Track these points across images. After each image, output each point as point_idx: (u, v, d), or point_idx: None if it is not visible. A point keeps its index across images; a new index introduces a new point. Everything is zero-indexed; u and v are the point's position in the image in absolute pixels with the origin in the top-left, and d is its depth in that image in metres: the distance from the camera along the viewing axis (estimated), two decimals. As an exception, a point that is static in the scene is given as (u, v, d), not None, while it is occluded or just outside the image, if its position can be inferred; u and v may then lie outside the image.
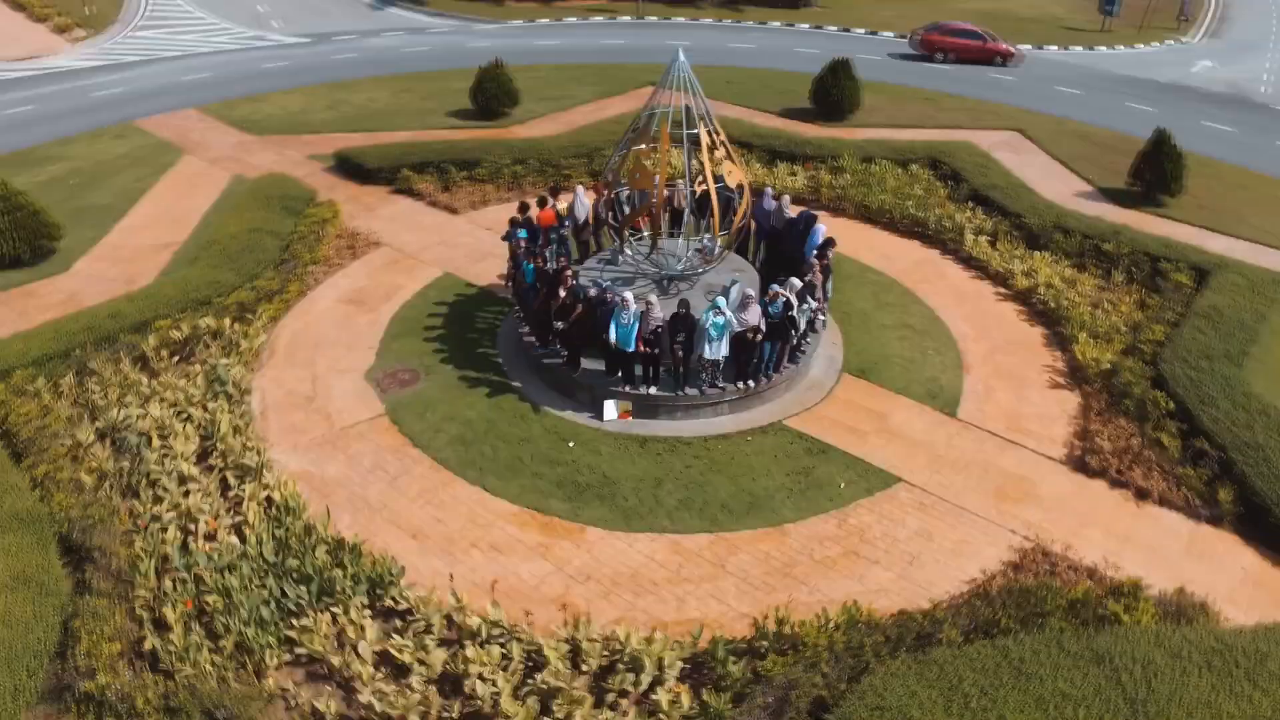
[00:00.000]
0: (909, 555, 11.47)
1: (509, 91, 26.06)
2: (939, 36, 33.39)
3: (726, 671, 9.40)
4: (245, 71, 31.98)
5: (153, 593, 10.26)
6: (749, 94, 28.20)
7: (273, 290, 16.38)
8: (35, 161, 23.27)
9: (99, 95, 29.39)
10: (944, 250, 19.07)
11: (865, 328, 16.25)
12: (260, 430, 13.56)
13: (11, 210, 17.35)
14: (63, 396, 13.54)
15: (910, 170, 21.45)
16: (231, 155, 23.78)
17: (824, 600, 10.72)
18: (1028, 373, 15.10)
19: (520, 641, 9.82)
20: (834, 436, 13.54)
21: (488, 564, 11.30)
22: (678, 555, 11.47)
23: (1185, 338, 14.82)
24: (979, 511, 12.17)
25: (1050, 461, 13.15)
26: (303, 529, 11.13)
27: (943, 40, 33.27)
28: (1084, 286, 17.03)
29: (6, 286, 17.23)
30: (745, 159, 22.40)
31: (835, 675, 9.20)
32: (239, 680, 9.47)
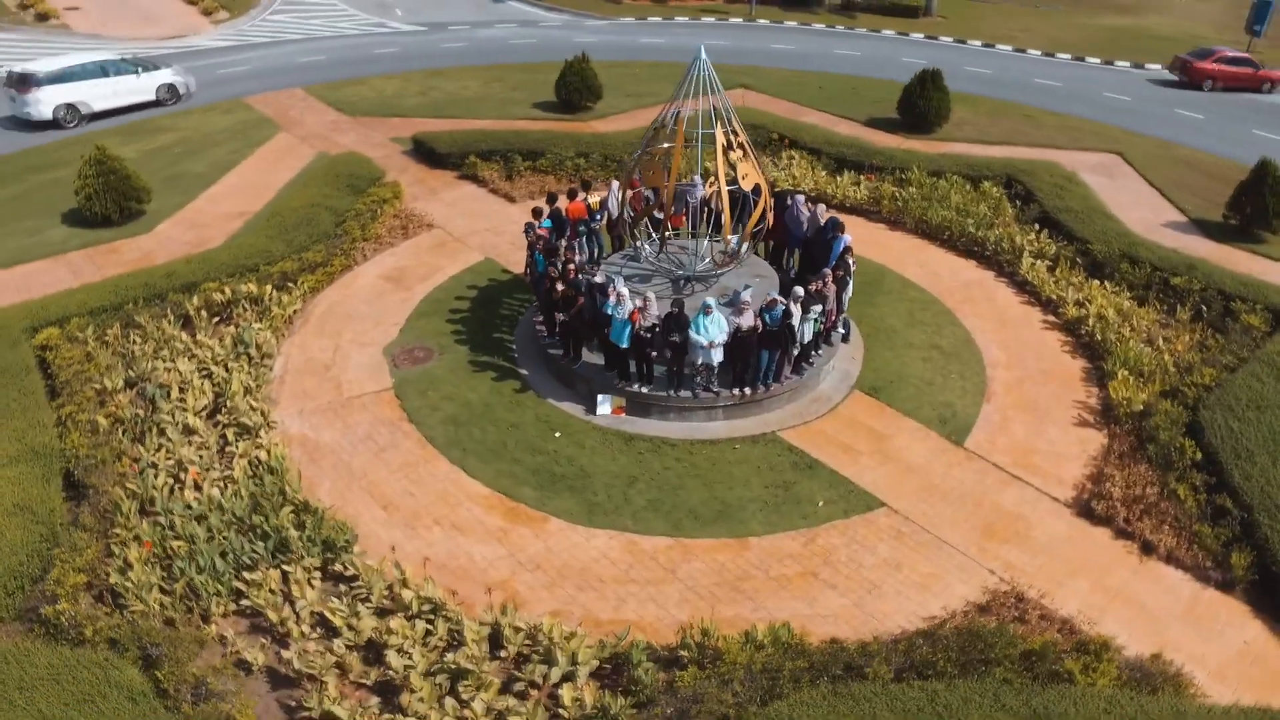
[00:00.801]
0: (870, 584, 10.98)
1: (591, 86, 26.35)
2: (1210, 65, 31.33)
3: (636, 677, 9.27)
4: (357, 56, 33.60)
5: (130, 532, 10.99)
6: (838, 101, 27.50)
7: (316, 263, 17.21)
8: (150, 131, 25.23)
9: (222, 73, 31.54)
10: (999, 272, 18.07)
11: (890, 345, 15.61)
12: (274, 393, 14.30)
13: (105, 174, 18.86)
14: (107, 346, 14.64)
15: (981, 188, 20.40)
16: (321, 134, 25.04)
17: (767, 618, 10.40)
18: (1054, 407, 14.14)
19: (447, 620, 10.00)
20: (826, 453, 13.09)
21: (444, 541, 11.55)
22: (631, 555, 11.39)
23: (1238, 384, 13.52)
24: (959, 546, 11.52)
25: (1053, 502, 12.28)
26: (278, 489, 11.65)
27: (1213, 68, 31.21)
28: (1141, 321, 15.79)
29: (95, 242, 18.76)
30: (811, 166, 21.92)
31: (746, 696, 8.92)
32: (186, 623, 10.06)
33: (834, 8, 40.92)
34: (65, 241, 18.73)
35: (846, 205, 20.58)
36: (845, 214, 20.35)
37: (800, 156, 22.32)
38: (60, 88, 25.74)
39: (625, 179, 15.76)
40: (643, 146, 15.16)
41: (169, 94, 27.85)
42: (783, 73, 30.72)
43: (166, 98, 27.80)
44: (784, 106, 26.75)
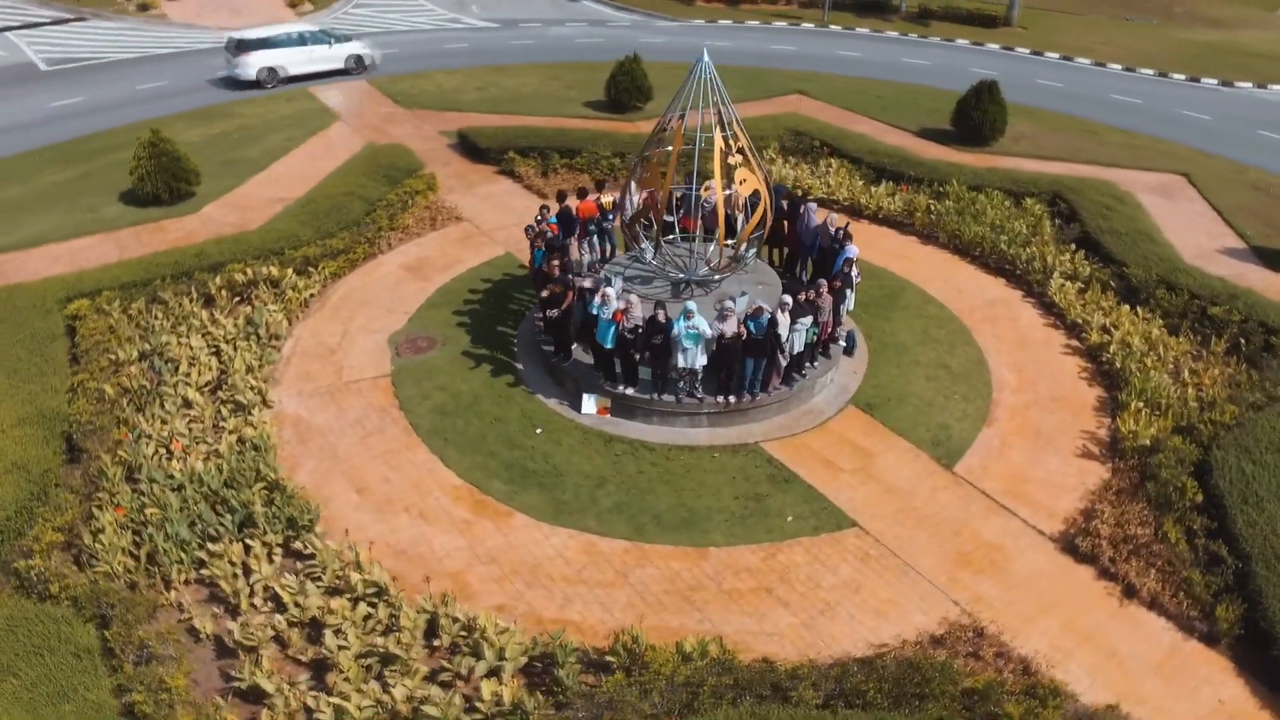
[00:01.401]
0: (825, 604, 10.67)
1: (641, 87, 26.36)
2: None
3: (558, 678, 9.24)
4: (427, 50, 34.40)
5: (113, 497, 11.52)
6: (894, 110, 26.78)
7: (339, 249, 17.71)
8: (215, 116, 26.39)
9: (296, 63, 32.71)
10: (1028, 293, 17.31)
11: (897, 362, 15.13)
12: (277, 373, 14.78)
13: (157, 156, 19.82)
14: (130, 319, 15.36)
15: (1023, 204, 19.57)
16: (376, 125, 25.75)
17: (712, 631, 10.22)
18: (1059, 436, 13.46)
19: (389, 605, 10.15)
20: (806, 468, 12.78)
21: (409, 529, 11.73)
22: (587, 556, 11.34)
23: (1261, 424, 12.62)
24: (927, 574, 11.08)
25: (1038, 536, 11.70)
26: (254, 466, 12.03)
27: None
28: (1170, 351, 14.89)
29: (144, 221, 19.71)
30: (850, 175, 21.41)
31: (664, 708, 8.79)
32: (149, 588, 10.49)
33: (910, 15, 39.86)
34: (117, 219, 19.74)
35: (880, 216, 20.06)
36: (878, 225, 19.96)
37: (840, 165, 21.84)
38: (264, 53, 28.99)
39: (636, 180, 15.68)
40: (645, 149, 15.06)
41: (356, 64, 30.41)
42: (844, 80, 30.10)
43: (354, 67, 30.35)
44: (836, 114, 26.21)
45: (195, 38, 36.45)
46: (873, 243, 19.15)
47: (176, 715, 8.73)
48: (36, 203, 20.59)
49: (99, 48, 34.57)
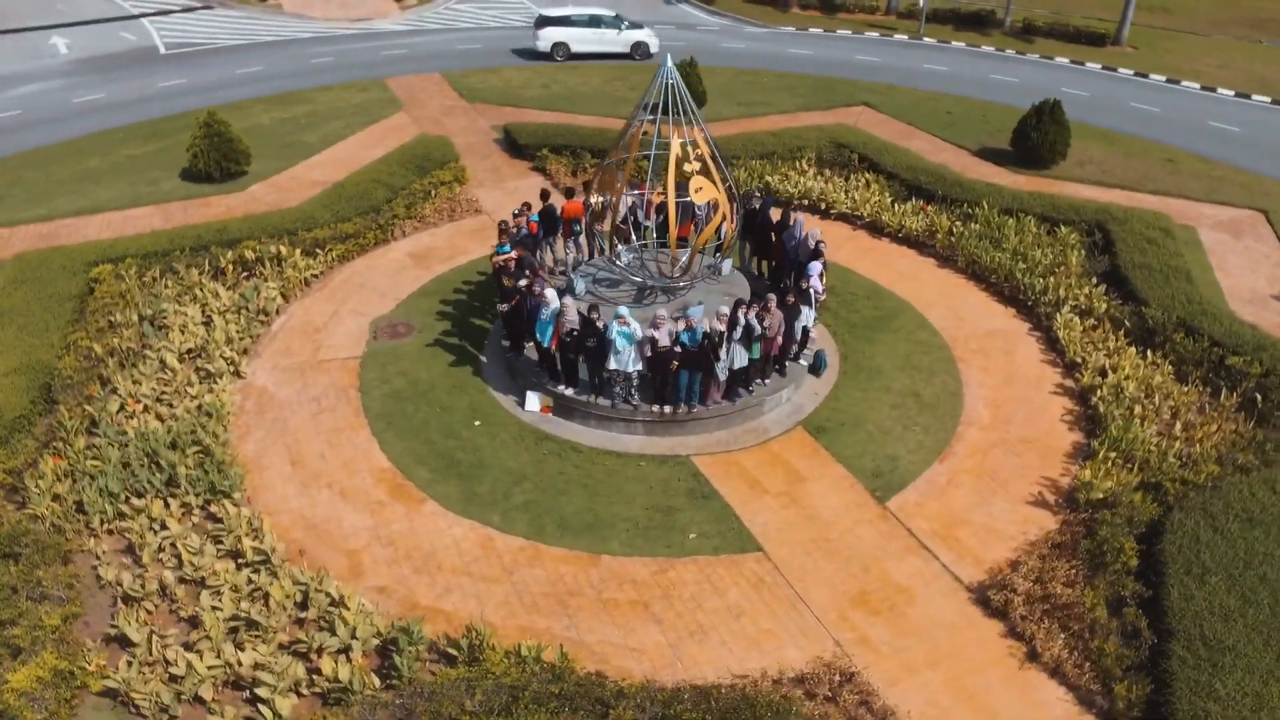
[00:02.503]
0: (699, 627, 10.37)
1: (695, 91, 26.10)
2: None
3: (396, 665, 9.37)
4: (509, 47, 35.25)
5: (69, 446, 12.41)
6: (958, 127, 25.54)
7: (348, 233, 18.44)
8: (291, 102, 27.89)
9: (385, 54, 34.22)
10: (1034, 326, 16.20)
11: (866, 386, 14.49)
12: (261, 347, 15.55)
13: (211, 136, 21.17)
14: (143, 286, 16.48)
15: (1057, 232, 18.32)
16: (434, 117, 26.60)
17: (573, 639, 10.14)
18: (1015, 480, 12.56)
19: (272, 575, 10.54)
20: (730, 486, 12.43)
21: (326, 504, 12.13)
22: (481, 550, 11.43)
23: (1238, 488, 11.40)
24: (818, 609, 10.59)
25: (953, 583, 10.97)
26: (191, 430, 12.69)
27: None
28: (1173, 399, 13.63)
29: (194, 196, 21.08)
30: (880, 191, 20.56)
31: (482, 706, 8.78)
32: (75, 534, 11.26)
33: (1013, 31, 37.82)
34: (171, 193, 21.18)
35: (900, 235, 19.22)
36: (897, 245, 19.19)
37: (873, 180, 21.03)
38: (559, 29, 32.59)
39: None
40: (609, 155, 14.96)
41: (638, 51, 32.79)
42: (916, 94, 28.93)
43: (636, 54, 32.70)
44: (894, 129, 25.23)
45: (301, 27, 38.63)
46: (887, 263, 18.42)
47: (44, 650, 9.33)
48: (109, 173, 22.34)
49: (215, 34, 37.15)
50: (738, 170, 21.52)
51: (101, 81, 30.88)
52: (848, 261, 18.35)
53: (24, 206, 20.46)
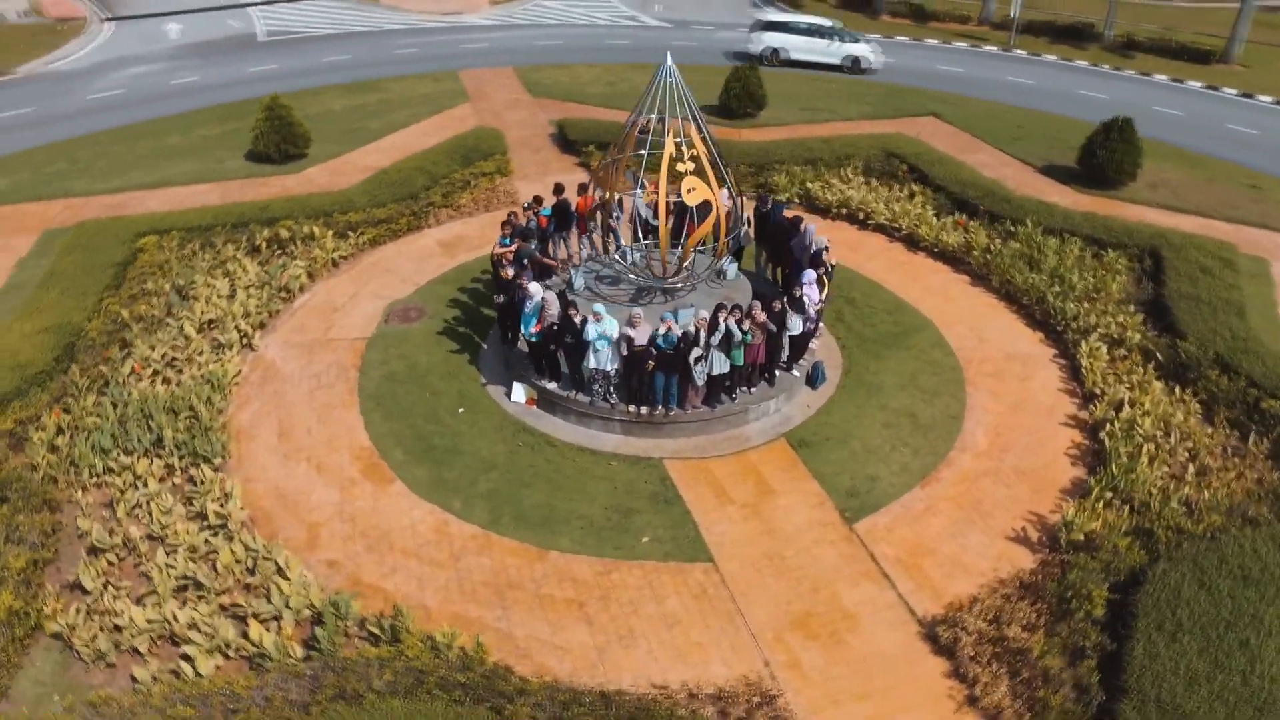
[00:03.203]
0: (630, 633, 10.20)
1: (754, 95, 25.77)
2: None
3: (317, 635, 9.57)
4: (589, 45, 35.58)
5: (77, 402, 13.18)
6: (1026, 142, 24.32)
7: (381, 218, 18.96)
8: (366, 90, 28.87)
9: (466, 47, 35.07)
10: (1060, 353, 15.28)
11: (863, 403, 13.96)
12: (279, 322, 16.13)
13: (272, 119, 22.12)
14: (181, 258, 17.34)
15: (1104, 257, 17.23)
16: (496, 110, 27.08)
17: (502, 630, 10.16)
18: (999, 512, 11.88)
19: (228, 539, 10.92)
20: (696, 493, 12.20)
21: (301, 477, 12.50)
22: (435, 534, 11.55)
23: (1237, 543, 10.45)
24: (755, 627, 10.27)
25: (905, 614, 10.46)
26: (200, 398, 13.28)
27: None
28: (1193, 441, 12.62)
29: (254, 175, 22.05)
30: (923, 204, 19.78)
31: (385, 687, 8.88)
32: (66, 484, 11.94)
33: (1113, 45, 35.75)
34: (233, 172, 22.22)
35: (936, 250, 18.46)
36: (932, 260, 18.49)
37: (919, 192, 20.26)
38: (775, 35, 32.84)
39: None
40: (608, 153, 14.87)
41: (852, 64, 31.97)
42: (990, 106, 27.75)
43: (849, 65, 31.98)
44: (957, 141, 24.25)
45: (394, 19, 39.98)
46: (917, 277, 17.73)
47: (3, 590, 9.93)
48: (183, 151, 23.63)
49: (312, 23, 38.86)
50: (778, 175, 21.12)
51: (200, 65, 32.72)
52: (877, 274, 17.74)
53: (102, 178, 21.83)
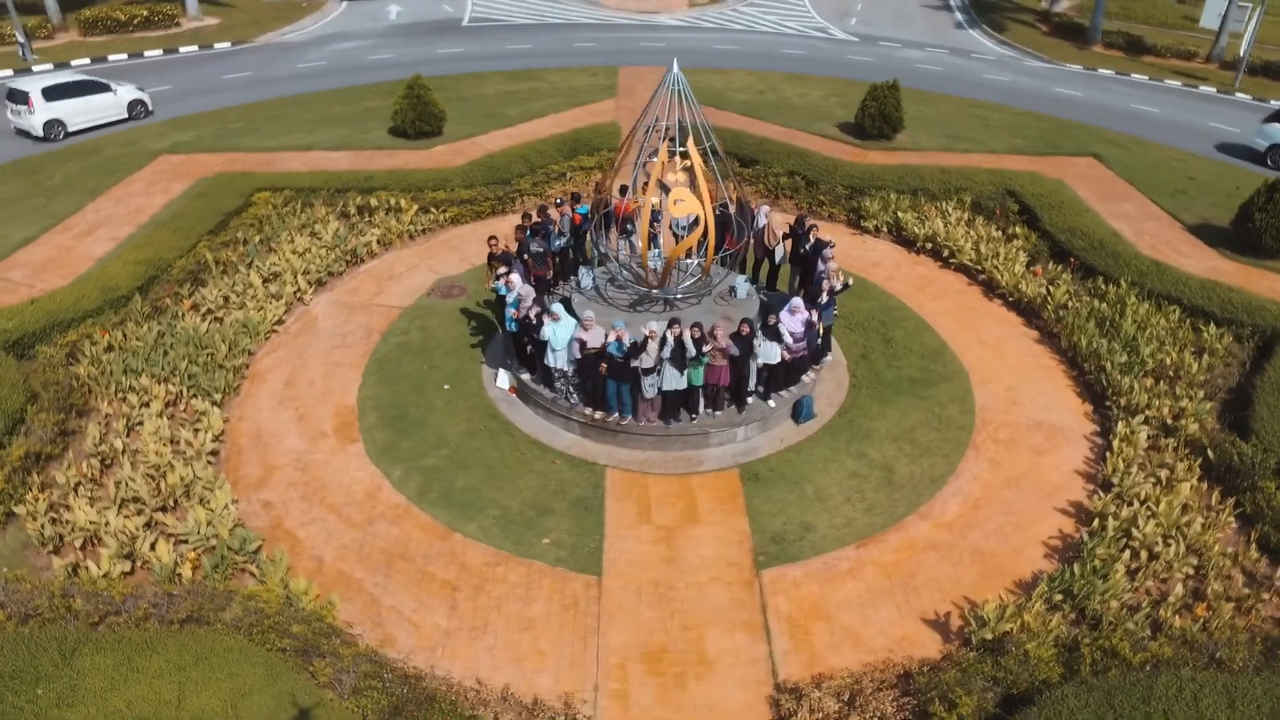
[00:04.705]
0: (485, 626, 10.33)
1: (889, 116, 24.35)
2: None
3: (204, 567, 10.46)
4: (765, 52, 35.15)
5: (134, 325, 15.03)
6: (1186, 195, 21.06)
7: (464, 199, 19.99)
8: (525, 78, 30.24)
9: (643, 45, 35.77)
10: (1101, 430, 13.41)
11: (838, 448, 13.05)
12: (337, 281, 17.52)
13: (410, 97, 23.83)
14: (280, 216, 19.17)
15: (1205, 333, 14.85)
16: (635, 107, 27.06)
17: (373, 596, 10.63)
18: (928, 591, 10.72)
19: (186, 465, 12.14)
20: (622, 506, 12.02)
21: (282, 422, 13.64)
22: (365, 497, 12.19)
23: (1180, 687, 8.80)
24: (603, 650, 10.06)
25: (765, 674, 9.78)
26: (228, 339, 14.78)
27: None
28: (1206, 560, 10.72)
29: (385, 147, 23.79)
30: (1016, 247, 17.94)
31: (230, 621, 9.57)
32: (102, 395, 13.71)
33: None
34: (371, 143, 24.14)
35: (1012, 299, 16.76)
36: (1007, 309, 16.81)
37: (1022, 236, 18.41)
38: None
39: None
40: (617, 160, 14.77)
41: None
42: (1165, 153, 24.48)
43: None
44: (1106, 187, 21.60)
45: (588, 14, 41.49)
46: (976, 325, 16.25)
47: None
48: (340, 120, 25.98)
49: (513, 12, 41.22)
50: (871, 201, 19.96)
51: (401, 44, 35.71)
52: (933, 317, 16.41)
53: (266, 137, 24.49)
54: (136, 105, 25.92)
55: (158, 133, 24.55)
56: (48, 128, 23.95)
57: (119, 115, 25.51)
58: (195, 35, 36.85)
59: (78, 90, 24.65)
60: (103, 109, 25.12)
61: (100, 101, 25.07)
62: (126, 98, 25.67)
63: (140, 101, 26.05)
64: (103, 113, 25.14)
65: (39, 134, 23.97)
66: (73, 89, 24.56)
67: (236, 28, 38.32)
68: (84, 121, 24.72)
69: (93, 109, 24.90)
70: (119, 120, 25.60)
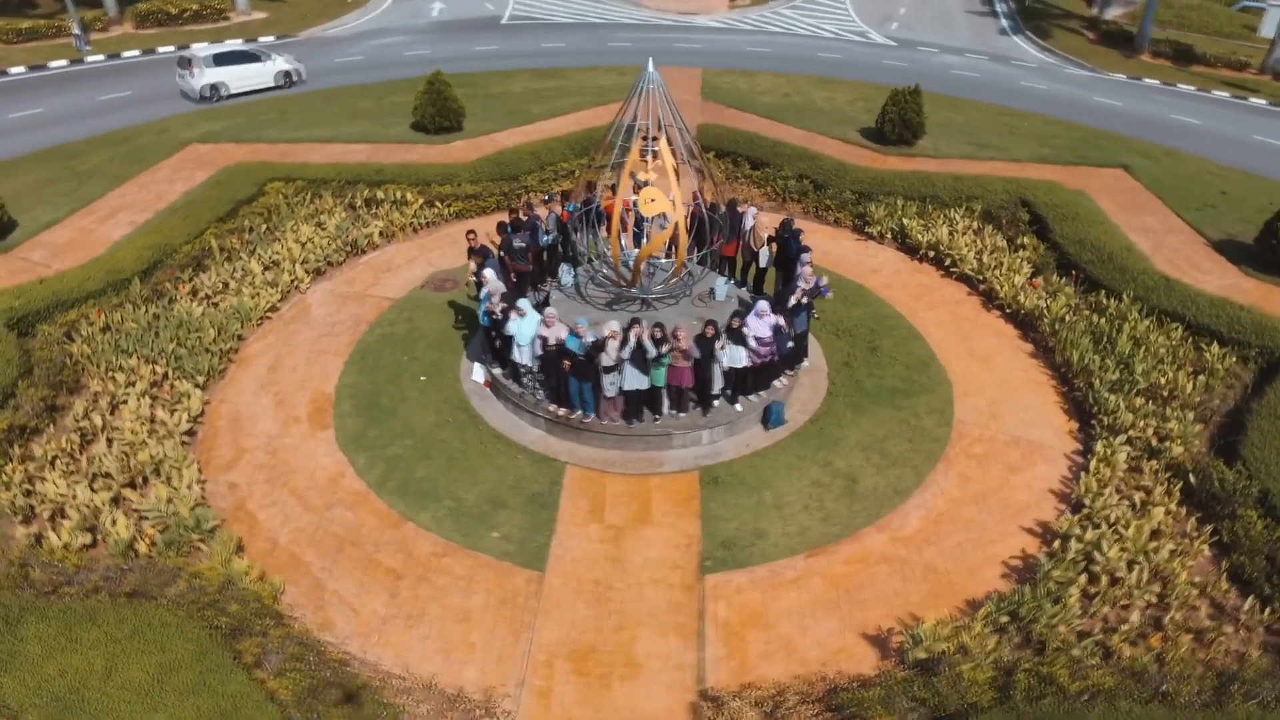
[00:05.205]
0: (422, 616, 10.40)
1: (910, 123, 23.87)
2: None
3: (154, 539, 10.73)
4: (798, 55, 34.79)
5: (121, 305, 15.44)
6: (1214, 210, 20.16)
7: (469, 194, 20.18)
8: (551, 76, 30.38)
9: (678, 46, 35.72)
10: (1084, 449, 12.95)
11: (804, 455, 12.83)
12: (336, 271, 17.84)
13: (431, 93, 24.10)
14: (289, 206, 19.57)
15: (1206, 351, 14.25)
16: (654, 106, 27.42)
17: (318, 580, 10.80)
18: (875, 606, 10.47)
19: (157, 443, 12.47)
20: (575, 504, 12.01)
21: (260, 405, 13.93)
22: (328, 483, 12.38)
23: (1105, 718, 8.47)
24: (535, 646, 10.04)
25: (691, 681, 9.66)
26: (211, 324, 15.14)
27: None
28: (1171, 587, 10.28)
29: (404, 141, 24.06)
30: (1021, 259, 17.45)
31: (174, 597, 9.83)
32: (95, 363, 14.14)
33: None
34: (391, 137, 24.44)
35: (1010, 311, 16.30)
36: (1005, 320, 16.39)
37: (1030, 246, 17.88)
38: None
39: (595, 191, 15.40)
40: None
41: None
42: (1199, 165, 23.48)
43: None
44: (1129, 199, 20.89)
45: (628, 14, 41.55)
46: (970, 336, 15.87)
47: (-23, 442, 12.13)
48: (365, 114, 26.41)
49: (553, 11, 41.49)
50: (877, 207, 19.61)
51: (440, 41, 36.20)
52: (926, 326, 16.04)
53: (292, 129, 25.01)
54: (285, 75, 28.95)
55: (189, 122, 25.26)
56: (206, 90, 27.47)
57: (268, 83, 28.70)
58: (242, 29, 37.87)
59: (238, 59, 28.46)
60: (256, 76, 28.51)
61: (254, 70, 28.51)
62: (275, 69, 28.82)
63: (288, 72, 29.03)
64: (255, 80, 28.46)
65: (197, 96, 27.45)
66: (234, 58, 28.44)
67: (282, 22, 39.27)
68: (240, 86, 28.13)
69: (248, 76, 28.33)
70: (269, 88, 28.69)
